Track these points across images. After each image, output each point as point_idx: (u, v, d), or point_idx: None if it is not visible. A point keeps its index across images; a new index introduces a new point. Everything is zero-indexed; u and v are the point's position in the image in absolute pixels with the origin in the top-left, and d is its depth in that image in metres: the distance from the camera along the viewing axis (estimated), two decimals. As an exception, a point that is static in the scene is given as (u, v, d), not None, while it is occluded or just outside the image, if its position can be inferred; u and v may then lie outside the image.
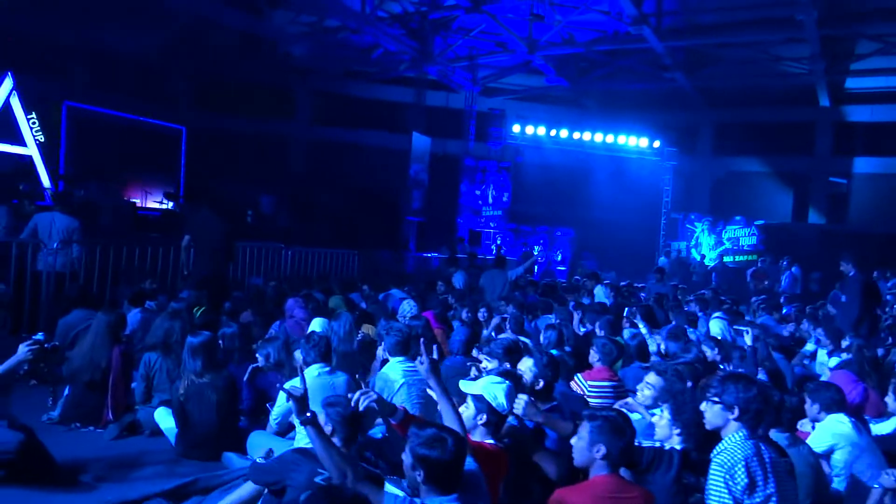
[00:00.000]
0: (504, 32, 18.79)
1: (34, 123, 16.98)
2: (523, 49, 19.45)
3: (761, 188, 25.12)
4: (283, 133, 24.79)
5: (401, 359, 4.70)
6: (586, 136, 22.11)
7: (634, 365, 5.88)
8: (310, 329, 6.07)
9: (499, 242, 21.76)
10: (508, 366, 4.11)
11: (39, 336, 3.98)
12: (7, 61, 16.26)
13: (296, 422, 4.18)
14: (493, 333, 7.52)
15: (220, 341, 5.67)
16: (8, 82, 16.23)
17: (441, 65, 19.91)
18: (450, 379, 3.82)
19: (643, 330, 7.06)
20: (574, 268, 21.67)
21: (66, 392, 5.50)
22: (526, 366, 4.01)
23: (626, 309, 8.60)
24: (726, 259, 22.17)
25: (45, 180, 17.01)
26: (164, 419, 4.93)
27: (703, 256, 21.36)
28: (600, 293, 10.29)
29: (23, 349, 3.90)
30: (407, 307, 8.22)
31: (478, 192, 22.13)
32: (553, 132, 22.05)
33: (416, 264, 18.22)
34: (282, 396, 4.31)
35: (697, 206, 24.40)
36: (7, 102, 16.33)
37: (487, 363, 4.35)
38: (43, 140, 17.14)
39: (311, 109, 25.61)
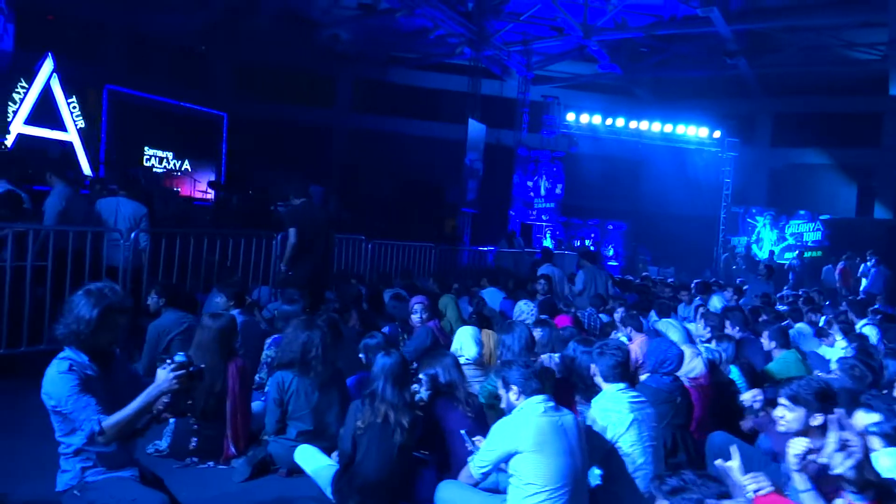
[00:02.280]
0: (559, 16, 17.75)
1: (74, 108, 16.13)
2: (578, 33, 18.37)
3: (822, 181, 23.91)
4: (325, 121, 23.90)
5: (622, 386, 3.71)
6: (642, 125, 20.95)
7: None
8: (460, 340, 5.10)
9: (555, 236, 20.73)
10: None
11: (181, 357, 2.99)
12: (47, 43, 15.44)
13: (517, 474, 3.21)
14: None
15: (362, 355, 4.69)
16: (49, 64, 15.38)
17: (496, 49, 18.85)
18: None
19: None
20: (632, 263, 20.60)
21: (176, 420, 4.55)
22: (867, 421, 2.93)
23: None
24: (787, 255, 21.05)
25: (86, 167, 16.18)
26: (311, 459, 3.93)
27: (772, 253, 20.19)
28: (717, 302, 9.22)
29: (164, 376, 2.91)
30: (525, 308, 7.23)
31: (529, 184, 21.09)
32: (609, 121, 20.92)
33: (471, 259, 17.23)
34: (499, 435, 3.31)
35: (753, 199, 23.25)
36: (47, 85, 15.48)
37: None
38: (83, 126, 16.31)
39: (353, 97, 24.72)
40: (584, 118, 20.82)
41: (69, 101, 15.99)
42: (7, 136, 12.21)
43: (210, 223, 14.14)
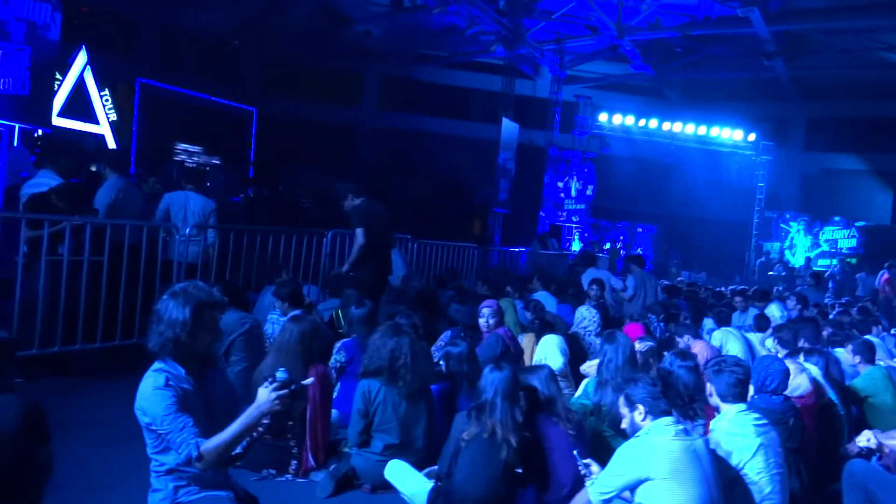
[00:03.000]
0: (593, 14, 17.50)
1: (107, 101, 16.00)
2: (612, 32, 18.10)
3: (857, 186, 23.46)
4: (351, 118, 23.72)
5: (742, 407, 3.43)
6: (675, 126, 20.60)
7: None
8: (545, 350, 4.85)
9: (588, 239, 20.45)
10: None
11: (283, 374, 2.75)
12: (81, 36, 15.33)
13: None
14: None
15: (442, 363, 4.45)
16: (82, 56, 15.25)
17: (530, 47, 18.58)
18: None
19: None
20: (663, 268, 20.26)
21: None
22: None
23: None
24: (822, 262, 20.64)
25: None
26: (403, 475, 3.68)
27: (809, 260, 19.78)
28: (776, 311, 8.90)
29: (266, 396, 2.67)
30: (587, 315, 6.96)
31: (560, 185, 20.80)
32: (642, 122, 20.59)
33: (501, 260, 16.97)
34: (627, 460, 3.04)
35: (785, 204, 22.84)
36: (81, 78, 15.35)
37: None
38: (115, 119, 16.18)
39: (380, 94, 24.54)
40: (617, 119, 20.51)
41: (102, 94, 15.86)
42: (51, 128, 12.11)
43: (243, 219, 14.00)
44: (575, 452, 3.50)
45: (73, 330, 5.67)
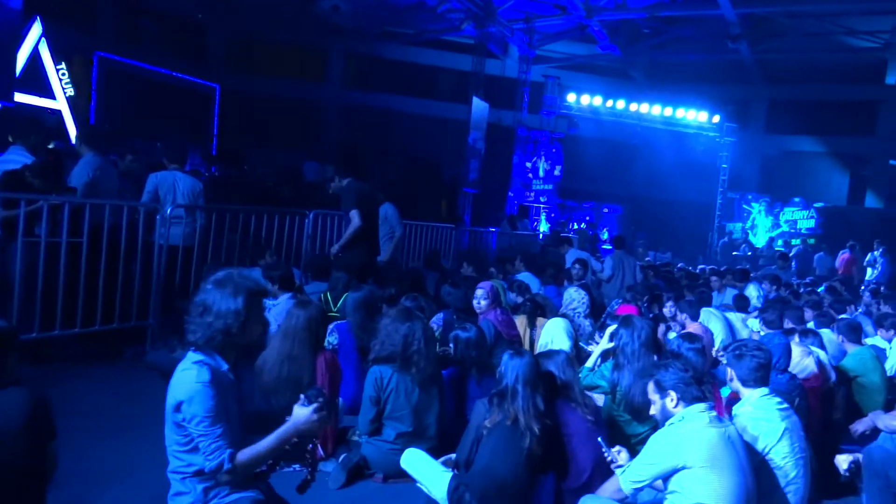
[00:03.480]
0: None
1: (63, 75, 15.36)
2: (581, 12, 18.11)
3: (815, 168, 24.03)
4: (317, 96, 23.31)
5: (765, 391, 3.40)
6: (642, 108, 20.69)
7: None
8: (551, 333, 4.77)
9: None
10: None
11: (315, 392, 2.61)
12: (35, 7, 14.64)
13: (682, 492, 2.90)
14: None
15: (451, 346, 4.34)
16: (37, 27, 14.58)
17: (501, 25, 18.42)
18: None
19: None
20: (630, 248, 20.33)
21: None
22: None
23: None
24: (780, 243, 21.06)
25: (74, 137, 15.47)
26: (420, 464, 3.56)
27: (772, 240, 20.15)
28: (754, 291, 8.98)
29: (304, 414, 2.55)
30: (576, 296, 6.91)
31: (528, 165, 20.75)
32: (609, 103, 20.63)
33: (472, 240, 16.88)
34: (662, 448, 2.98)
35: (746, 185, 23.23)
36: (35, 51, 14.70)
37: None
38: (73, 94, 15.55)
39: (345, 72, 24.15)
40: (585, 99, 20.50)
41: (58, 67, 15.22)
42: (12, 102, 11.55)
43: (210, 199, 13.63)
44: (599, 439, 3.44)
45: (51, 315, 5.41)
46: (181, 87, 18.33)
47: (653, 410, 3.22)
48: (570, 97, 20.57)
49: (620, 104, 20.65)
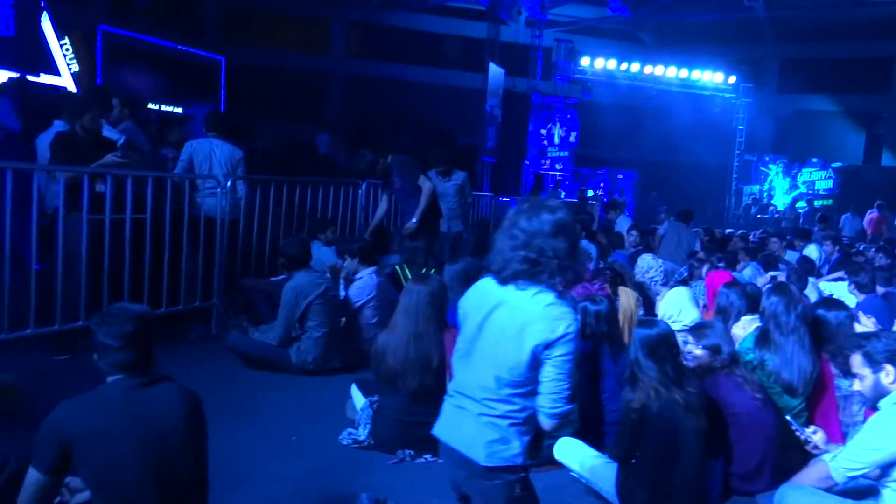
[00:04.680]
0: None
1: (67, 50, 14.72)
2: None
3: (829, 128, 23.63)
4: (321, 67, 22.69)
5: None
6: (657, 70, 20.22)
7: None
8: (677, 303, 4.41)
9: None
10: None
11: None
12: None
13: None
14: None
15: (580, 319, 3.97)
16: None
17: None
18: None
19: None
20: (650, 214, 20.03)
21: (372, 401, 3.79)
22: None
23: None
24: (800, 205, 20.76)
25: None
26: (575, 453, 3.22)
27: (795, 201, 19.84)
28: (815, 252, 8.64)
29: None
30: (653, 264, 6.55)
31: (543, 132, 20.30)
32: (624, 66, 20.15)
33: (491, 210, 16.49)
34: (888, 432, 2.63)
35: (759, 147, 22.86)
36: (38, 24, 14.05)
37: None
38: (77, 70, 14.93)
39: (349, 42, 23.50)
40: (599, 63, 20.00)
41: (62, 42, 14.58)
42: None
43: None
44: (789, 417, 3.10)
45: (118, 298, 5.00)
46: (186, 59, 17.71)
47: (857, 386, 2.86)
48: (584, 61, 20.08)
49: (635, 67, 20.17)
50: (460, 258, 4.97)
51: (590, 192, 21.05)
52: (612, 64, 20.09)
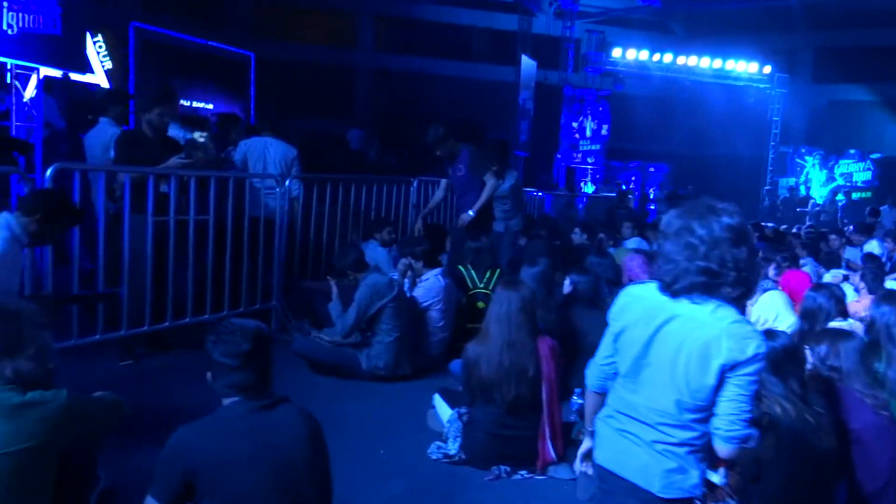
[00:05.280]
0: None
1: (101, 48, 14.68)
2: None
3: (865, 118, 23.06)
4: (349, 62, 22.54)
5: None
6: (690, 60, 19.84)
7: None
8: (773, 307, 4.19)
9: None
10: None
11: None
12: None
13: None
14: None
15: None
16: (71, -3, 13.87)
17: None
18: None
19: None
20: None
21: (461, 413, 3.60)
22: None
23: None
24: (838, 197, 20.31)
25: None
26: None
27: (834, 193, 19.43)
28: (876, 247, 8.32)
29: None
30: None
31: (574, 125, 20.01)
32: (656, 57, 19.81)
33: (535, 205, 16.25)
34: None
35: (794, 138, 22.41)
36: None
37: None
38: (110, 67, 14.89)
39: (376, 36, 23.32)
40: (631, 54, 19.67)
41: (95, 40, 14.54)
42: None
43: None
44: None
45: (181, 302, 4.87)
46: (217, 55, 17.63)
47: None
48: (616, 52, 19.77)
49: (668, 58, 19.82)
50: (538, 260, 4.76)
51: (623, 186, 20.80)
52: (644, 55, 19.77)
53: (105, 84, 14.81)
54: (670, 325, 1.95)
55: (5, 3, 6.63)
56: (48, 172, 3.87)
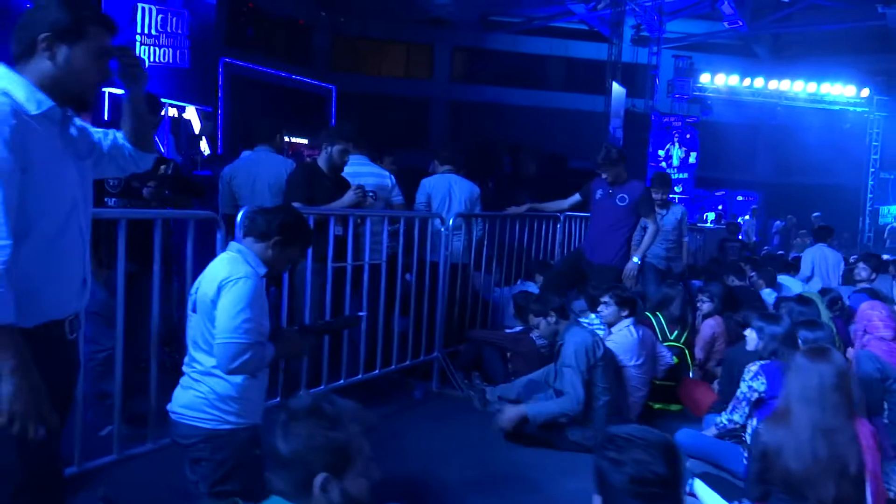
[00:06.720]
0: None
1: (192, 81, 14.67)
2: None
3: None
4: (425, 93, 22.36)
5: None
6: (783, 85, 18.99)
7: None
8: None
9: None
10: None
11: None
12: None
13: None
14: None
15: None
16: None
17: (640, 3, 17.06)
18: None
19: None
20: (787, 237, 18.70)
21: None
22: None
23: None
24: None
25: (204, 145, 14.76)
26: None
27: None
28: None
29: None
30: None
31: (661, 153, 19.28)
32: (748, 81, 19.03)
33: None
34: None
35: (890, 164, 21.20)
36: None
37: None
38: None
39: (452, 66, 23.12)
40: (720, 79, 18.92)
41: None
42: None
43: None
44: None
45: (354, 356, 4.37)
46: (300, 88, 17.59)
47: None
48: (704, 78, 19.05)
49: (759, 82, 19.01)
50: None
51: (710, 216, 19.93)
52: (734, 80, 19.01)
53: (195, 117, 14.79)
54: None
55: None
56: (240, 216, 3.40)
